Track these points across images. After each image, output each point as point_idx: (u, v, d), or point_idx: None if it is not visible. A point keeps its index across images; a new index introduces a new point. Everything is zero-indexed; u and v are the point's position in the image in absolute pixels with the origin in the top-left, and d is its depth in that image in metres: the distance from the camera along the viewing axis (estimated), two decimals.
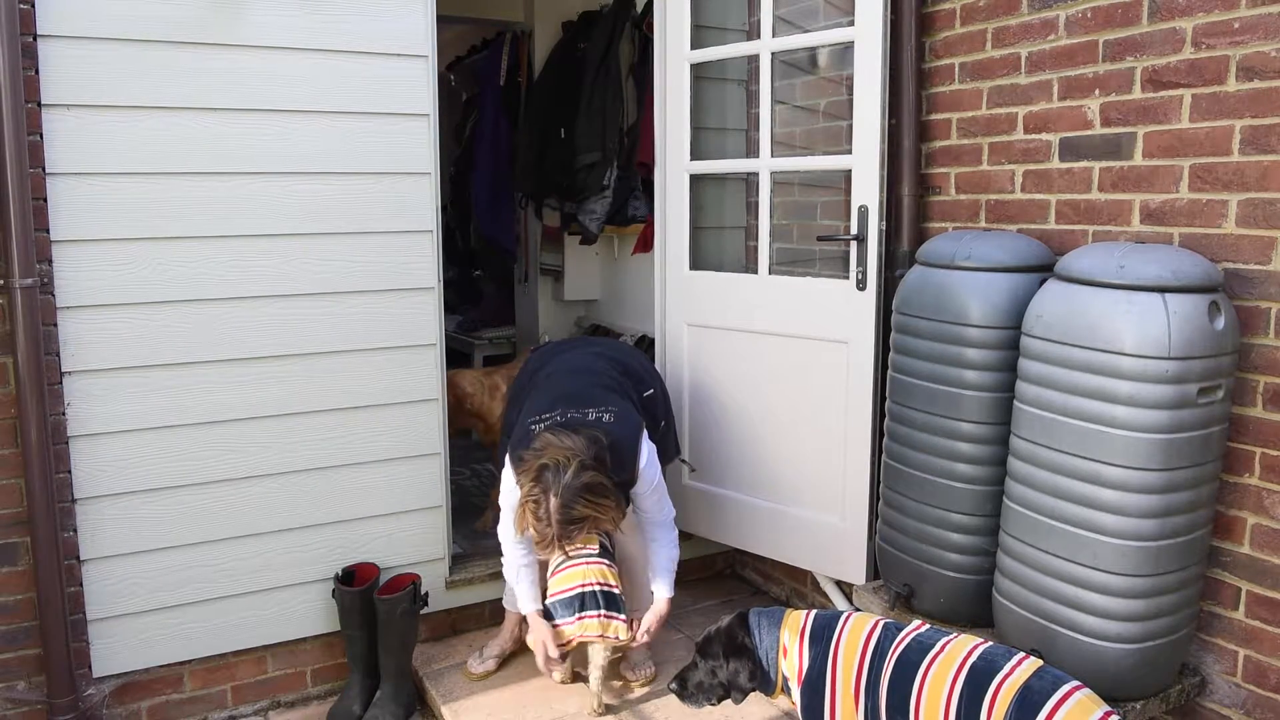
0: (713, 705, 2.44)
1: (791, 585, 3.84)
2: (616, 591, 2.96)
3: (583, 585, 2.92)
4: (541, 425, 2.79)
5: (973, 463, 2.69)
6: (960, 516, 2.73)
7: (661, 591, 3.03)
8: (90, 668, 2.92)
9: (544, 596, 3.01)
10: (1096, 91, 2.64)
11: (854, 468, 3.19)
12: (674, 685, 2.46)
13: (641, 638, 3.02)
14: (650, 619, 3.02)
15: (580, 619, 2.90)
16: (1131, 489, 2.27)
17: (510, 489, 2.83)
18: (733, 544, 3.67)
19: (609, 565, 3.00)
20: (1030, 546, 2.46)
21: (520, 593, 3.00)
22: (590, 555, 2.98)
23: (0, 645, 2.80)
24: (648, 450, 2.88)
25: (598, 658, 2.95)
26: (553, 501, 2.62)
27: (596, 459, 2.67)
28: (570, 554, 2.87)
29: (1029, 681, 1.98)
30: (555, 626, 2.92)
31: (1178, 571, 2.34)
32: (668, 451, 3.21)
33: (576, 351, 3.26)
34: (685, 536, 3.77)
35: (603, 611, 2.91)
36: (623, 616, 2.94)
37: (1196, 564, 2.40)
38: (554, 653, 2.92)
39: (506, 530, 2.94)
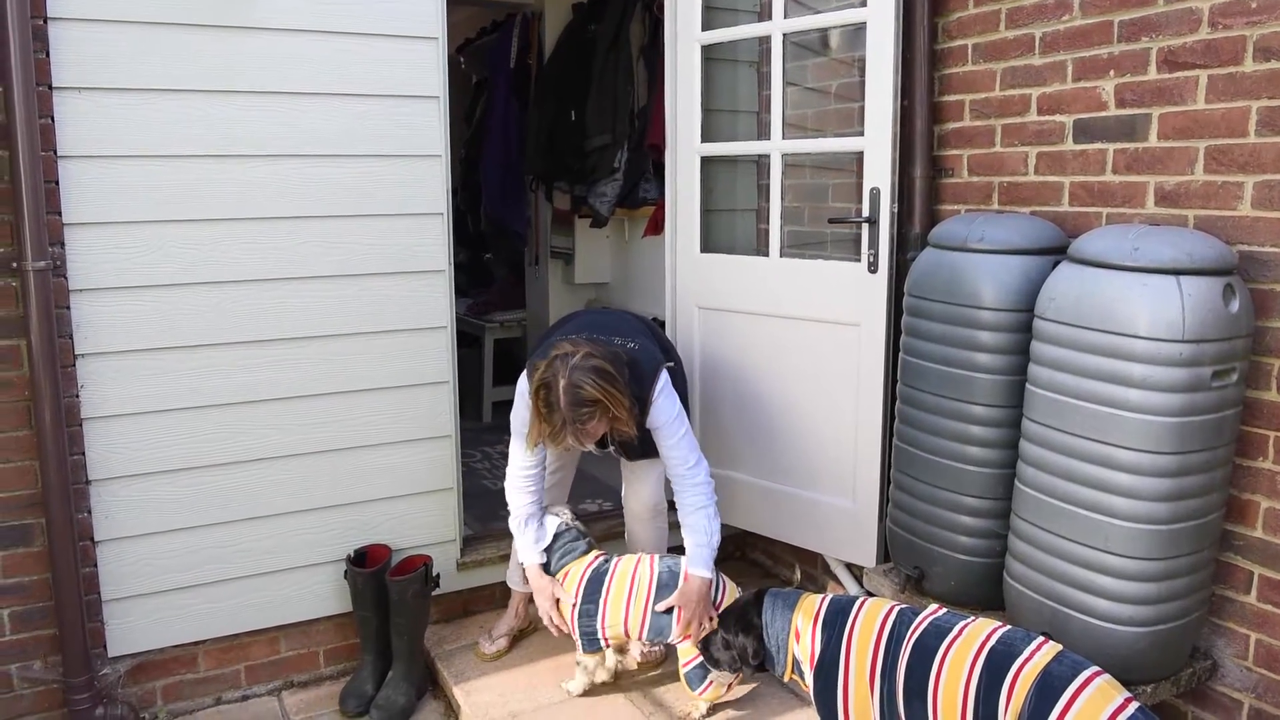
0: (735, 671, 2.54)
1: (802, 568, 3.85)
2: None
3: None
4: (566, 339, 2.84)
5: (984, 446, 2.68)
6: (971, 499, 2.72)
7: (693, 569, 2.83)
8: (105, 647, 2.94)
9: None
10: (1111, 72, 2.62)
11: (865, 451, 3.19)
12: (699, 647, 2.56)
13: (683, 635, 2.80)
14: (684, 607, 2.78)
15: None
16: (1144, 472, 2.26)
17: (522, 393, 2.86)
18: (743, 527, 3.67)
19: None
20: (1042, 529, 2.46)
21: (523, 544, 3.01)
22: None
23: (16, 625, 2.83)
24: (667, 384, 2.89)
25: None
26: (562, 383, 2.63)
27: (611, 359, 2.70)
28: (582, 444, 2.79)
29: (1049, 666, 1.98)
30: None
31: (1189, 555, 2.34)
32: None
33: (612, 310, 3.33)
34: None
35: None
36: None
37: (1208, 547, 2.40)
38: (553, 613, 2.93)
39: (513, 473, 2.97)
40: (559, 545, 3.01)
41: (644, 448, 2.98)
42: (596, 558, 2.99)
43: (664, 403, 2.87)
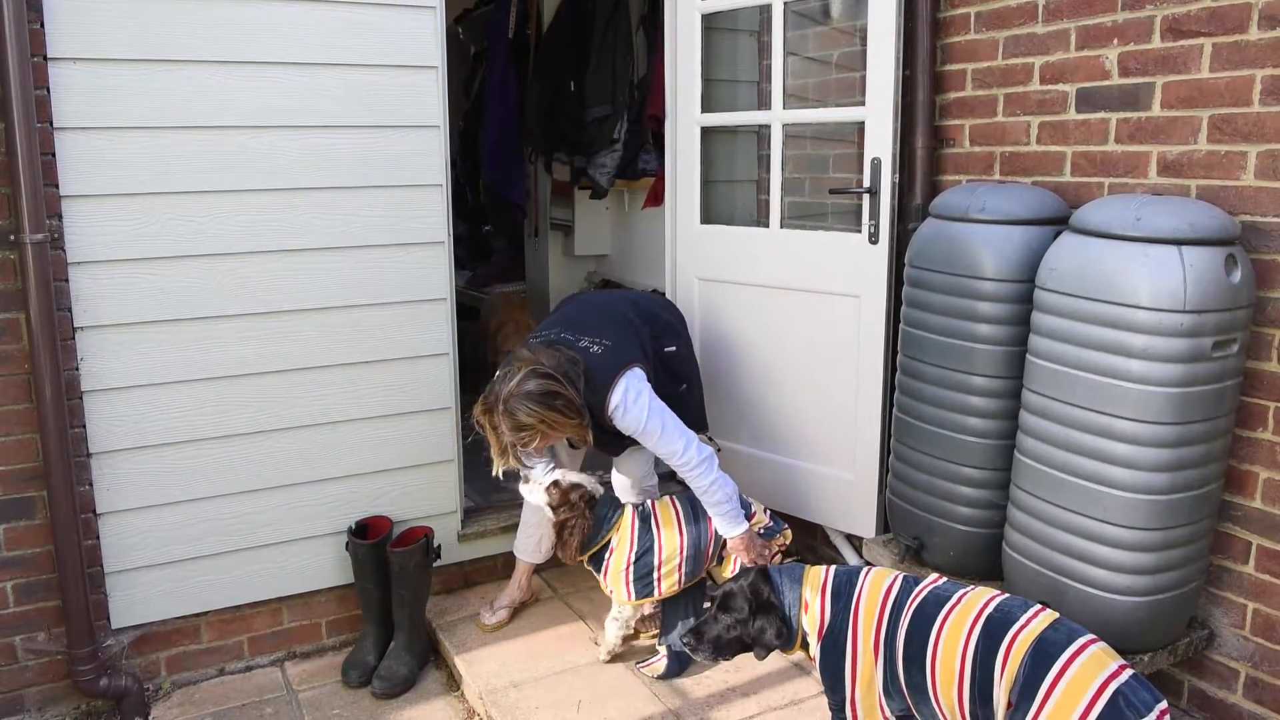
0: (725, 660, 2.42)
1: (801, 538, 3.85)
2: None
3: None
4: (533, 342, 2.84)
5: (984, 416, 2.68)
6: (971, 470, 2.73)
7: (723, 532, 2.93)
8: (109, 619, 2.96)
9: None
10: (1115, 41, 2.60)
11: (865, 422, 3.19)
12: (688, 639, 2.41)
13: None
14: (739, 555, 2.95)
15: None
16: (1143, 443, 2.27)
17: None
18: None
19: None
20: (1041, 500, 2.47)
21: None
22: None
23: (20, 597, 2.84)
24: (631, 386, 2.78)
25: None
26: (500, 408, 2.66)
27: (561, 372, 2.68)
28: (529, 465, 2.83)
29: (1044, 633, 1.99)
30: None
31: (1188, 525, 2.35)
32: (686, 418, 3.17)
33: (606, 294, 3.27)
34: None
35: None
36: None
37: (1207, 518, 2.40)
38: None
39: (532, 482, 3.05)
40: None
41: (616, 442, 2.96)
42: (634, 512, 3.01)
43: (629, 410, 2.77)
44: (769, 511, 3.11)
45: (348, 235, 3.09)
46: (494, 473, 2.87)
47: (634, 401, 2.78)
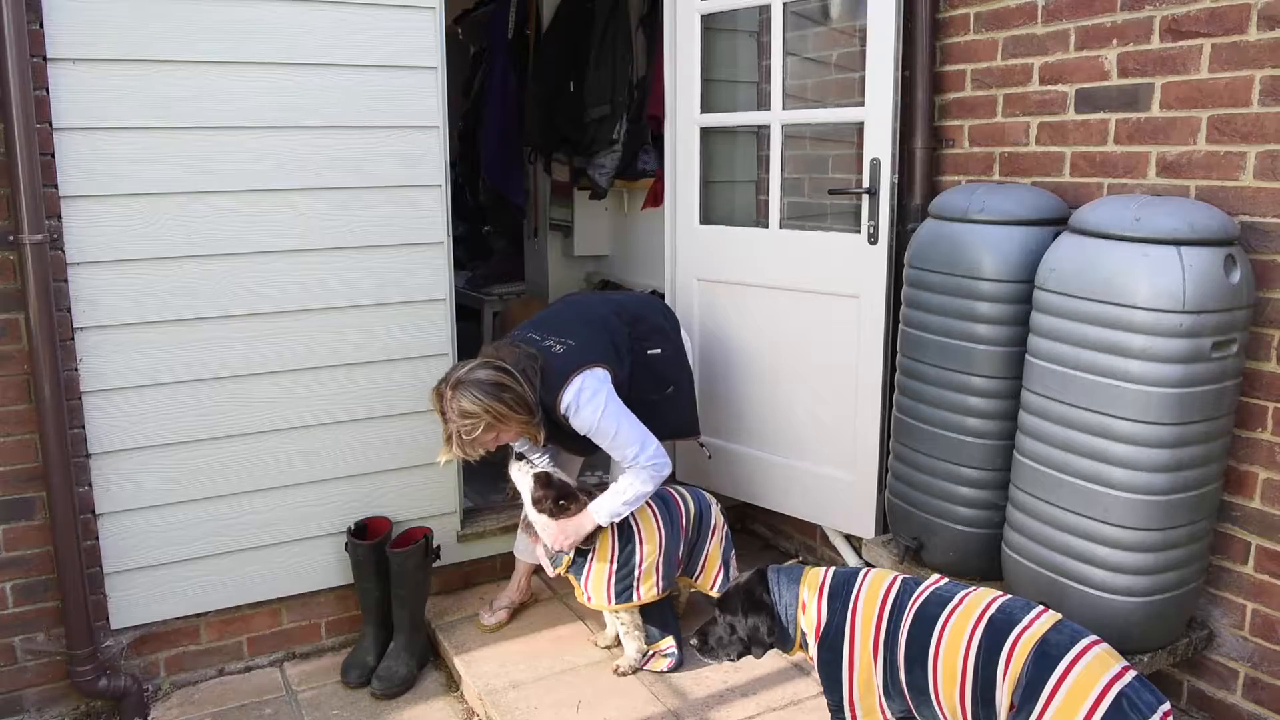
0: (733, 660, 2.45)
1: (801, 539, 3.86)
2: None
3: None
4: (500, 341, 2.87)
5: (983, 417, 2.68)
6: (970, 470, 2.73)
7: (595, 512, 2.84)
8: (108, 620, 2.96)
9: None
10: (1114, 41, 2.60)
11: (864, 422, 3.19)
12: (694, 640, 2.46)
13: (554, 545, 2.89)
14: (559, 530, 2.85)
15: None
16: (1143, 443, 2.27)
17: None
18: (742, 498, 3.68)
19: None
20: (1040, 500, 2.47)
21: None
22: None
23: (20, 598, 2.84)
24: (586, 386, 2.76)
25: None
26: (447, 394, 2.70)
27: (519, 369, 2.71)
28: (468, 454, 2.78)
29: (1047, 635, 1.99)
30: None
31: (1188, 526, 2.35)
32: (672, 422, 3.16)
33: (591, 295, 3.27)
34: None
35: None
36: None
37: (1207, 518, 2.40)
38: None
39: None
40: None
41: (583, 445, 2.93)
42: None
43: (580, 409, 2.77)
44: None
45: (347, 235, 3.09)
46: (439, 462, 2.90)
47: (586, 401, 2.77)
